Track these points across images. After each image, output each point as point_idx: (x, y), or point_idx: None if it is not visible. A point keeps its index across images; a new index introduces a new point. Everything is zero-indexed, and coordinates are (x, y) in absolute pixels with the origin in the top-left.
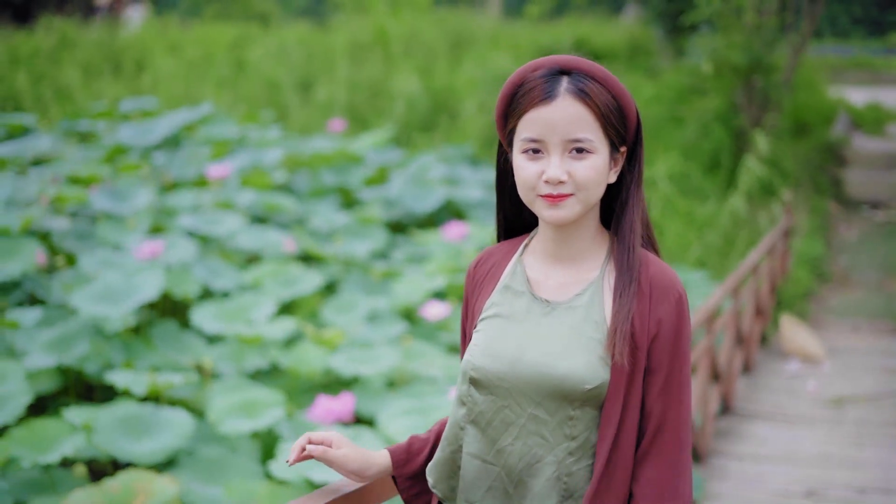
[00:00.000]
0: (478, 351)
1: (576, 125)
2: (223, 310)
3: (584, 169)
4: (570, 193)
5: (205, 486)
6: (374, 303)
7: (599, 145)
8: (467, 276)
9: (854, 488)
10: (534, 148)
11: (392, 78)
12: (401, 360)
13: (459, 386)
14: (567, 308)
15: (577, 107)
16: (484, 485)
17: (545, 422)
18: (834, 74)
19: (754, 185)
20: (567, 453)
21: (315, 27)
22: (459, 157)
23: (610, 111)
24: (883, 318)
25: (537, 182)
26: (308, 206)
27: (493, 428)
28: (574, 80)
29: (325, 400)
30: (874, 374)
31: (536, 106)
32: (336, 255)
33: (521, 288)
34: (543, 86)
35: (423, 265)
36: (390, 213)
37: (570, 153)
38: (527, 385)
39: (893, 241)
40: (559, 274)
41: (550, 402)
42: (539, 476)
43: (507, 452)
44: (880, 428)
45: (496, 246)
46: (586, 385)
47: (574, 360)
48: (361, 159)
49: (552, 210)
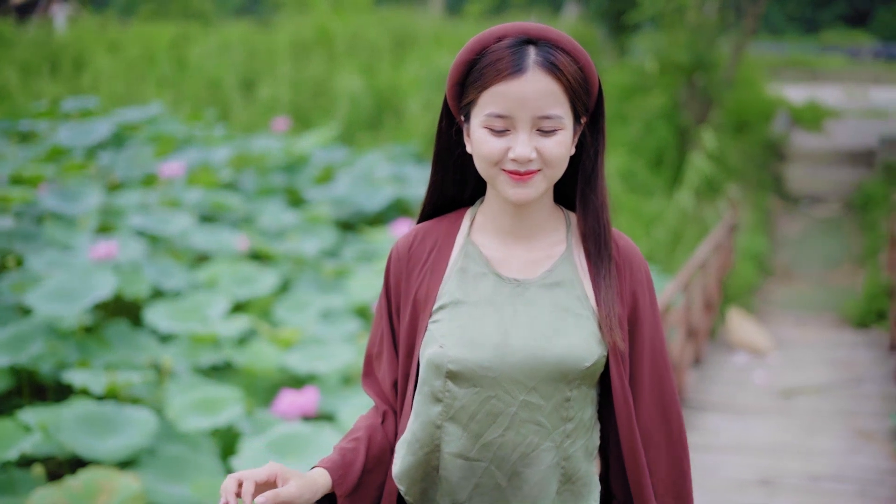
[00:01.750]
0: (451, 342)
1: (546, 101)
2: (177, 308)
3: (553, 146)
4: (537, 170)
5: (167, 483)
6: (327, 301)
7: (567, 120)
8: (396, 258)
9: (807, 476)
10: (500, 126)
11: (335, 77)
12: (356, 357)
13: (430, 382)
14: (542, 286)
15: (548, 81)
16: (470, 483)
17: (540, 407)
18: (771, 72)
19: (701, 182)
20: (565, 436)
21: (256, 26)
22: (405, 156)
23: (578, 84)
24: (826, 311)
25: (502, 158)
26: (255, 204)
27: (477, 422)
28: (543, 52)
29: (290, 394)
30: (821, 366)
31: (504, 79)
32: (287, 254)
33: (482, 269)
34: (511, 57)
35: (374, 263)
36: (338, 211)
37: (538, 130)
38: (518, 371)
39: (833, 235)
40: (521, 251)
41: (546, 385)
42: (537, 464)
43: (496, 445)
44: (830, 417)
45: (427, 225)
46: (585, 363)
47: (569, 338)
48: (307, 158)
49: (518, 188)
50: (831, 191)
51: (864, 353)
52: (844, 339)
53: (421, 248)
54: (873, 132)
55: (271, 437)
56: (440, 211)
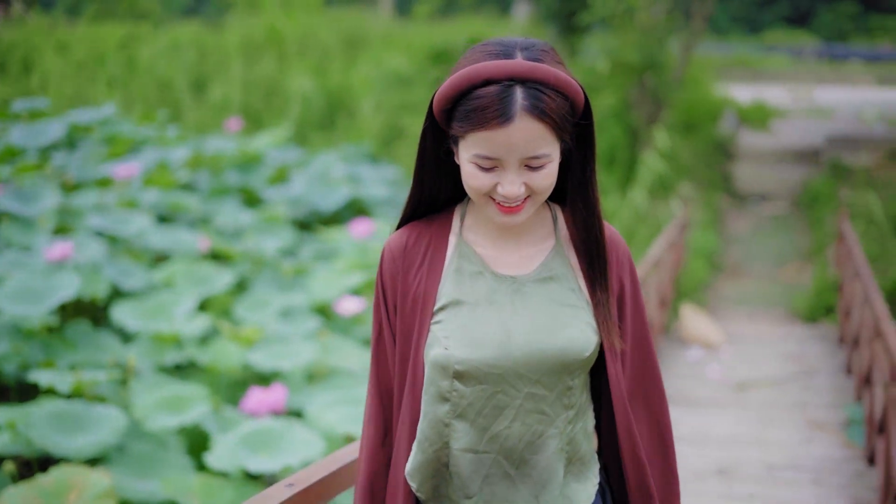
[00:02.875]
0: (455, 343)
1: (534, 144)
2: (142, 308)
3: (541, 178)
4: (526, 197)
5: (136, 480)
6: (286, 299)
7: (554, 153)
8: (391, 258)
9: (763, 465)
10: (488, 165)
11: (287, 77)
12: (318, 354)
13: (437, 382)
14: (536, 281)
15: (535, 126)
16: (480, 475)
17: (544, 397)
18: (717, 72)
19: (653, 180)
20: (567, 422)
21: (207, 26)
22: (360, 156)
23: (565, 119)
24: (776, 306)
25: (491, 190)
26: (211, 205)
27: (484, 417)
28: (530, 95)
29: (258, 391)
30: (773, 359)
31: (493, 127)
32: (245, 253)
33: (477, 268)
34: (498, 105)
35: (332, 262)
36: (295, 211)
37: (526, 166)
38: (522, 366)
39: (782, 232)
40: (512, 248)
41: (549, 377)
42: (544, 451)
43: (503, 437)
44: (784, 410)
45: (418, 225)
46: (585, 353)
47: (569, 329)
48: (261, 158)
49: (507, 217)
50: (779, 189)
51: (815, 346)
52: (795, 333)
53: (416, 248)
54: (819, 131)
55: (244, 433)
56: (424, 213)
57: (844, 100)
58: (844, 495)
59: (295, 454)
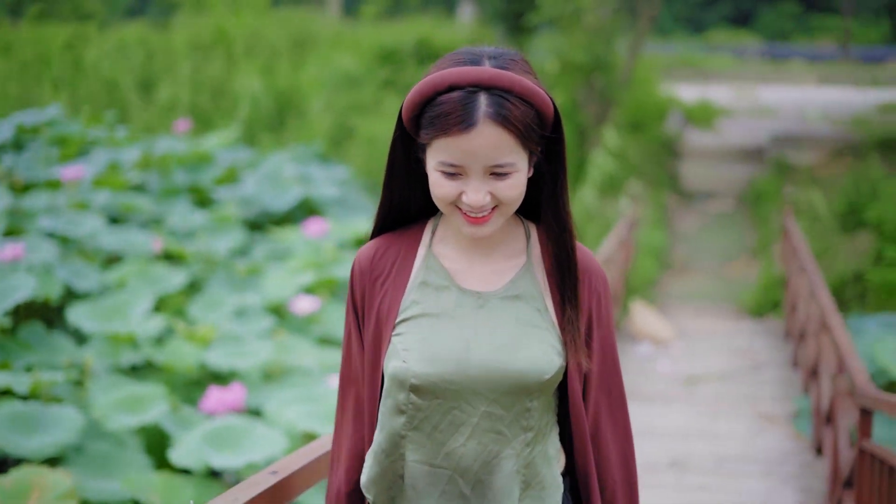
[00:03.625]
0: (414, 356)
1: (497, 152)
2: (97, 309)
3: (507, 188)
4: (492, 208)
5: (96, 480)
6: (240, 299)
7: (520, 163)
8: (360, 272)
9: (714, 458)
10: (452, 172)
11: (235, 78)
12: (275, 353)
13: (394, 395)
14: (503, 298)
15: (498, 133)
16: (436, 490)
17: (501, 417)
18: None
19: (603, 179)
20: (524, 444)
21: (153, 27)
22: (310, 156)
23: (531, 128)
24: (724, 302)
25: (456, 199)
26: (163, 205)
27: (441, 431)
28: (493, 102)
29: (216, 390)
30: (721, 354)
31: (455, 134)
32: (198, 254)
33: (443, 282)
34: (461, 112)
35: (285, 262)
36: (246, 211)
37: (491, 174)
38: (479, 384)
39: (728, 229)
40: (481, 263)
41: (506, 396)
42: (499, 472)
43: (458, 454)
44: (733, 403)
45: (388, 237)
46: (545, 375)
47: (529, 351)
48: (212, 158)
49: (475, 228)
50: (724, 187)
51: (762, 340)
52: (742, 328)
53: (384, 260)
54: (763, 130)
55: (207, 431)
56: (393, 225)
57: (787, 99)
58: (794, 485)
59: (258, 451)
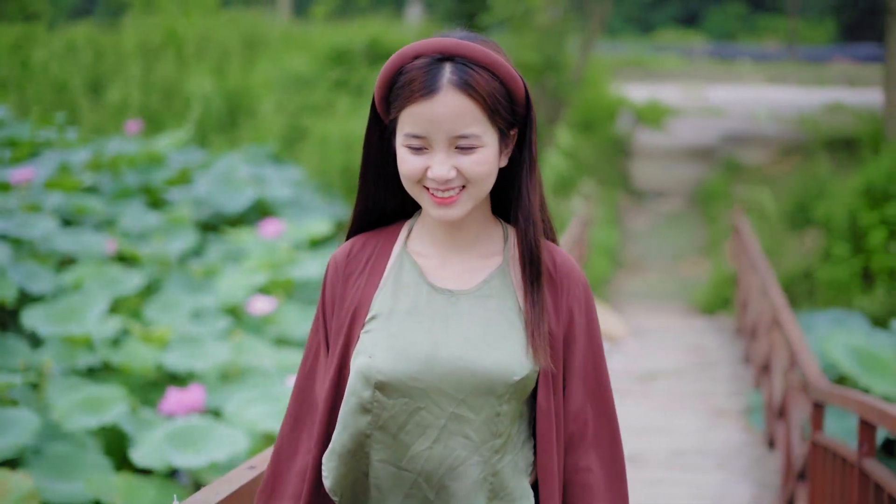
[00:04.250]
0: (381, 352)
1: (460, 121)
2: (52, 311)
3: (472, 164)
4: (460, 187)
5: (56, 482)
6: (196, 301)
7: (487, 137)
8: (332, 268)
9: (670, 452)
10: (417, 145)
11: (186, 79)
12: (231, 354)
13: (359, 392)
14: (476, 297)
15: (462, 100)
16: (400, 492)
17: (469, 421)
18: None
19: (556, 178)
20: (493, 451)
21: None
22: (262, 157)
23: (497, 100)
24: (676, 300)
25: (422, 176)
26: (115, 207)
27: (407, 433)
28: (457, 70)
29: (176, 392)
30: (674, 351)
31: (417, 101)
32: (152, 255)
33: (416, 279)
34: (424, 78)
35: (241, 263)
36: (199, 212)
37: (457, 148)
38: (446, 383)
39: (679, 228)
40: (456, 262)
41: (475, 398)
42: (463, 479)
43: (423, 458)
44: (687, 399)
45: (365, 235)
46: (515, 376)
47: (499, 351)
48: (163, 159)
49: (442, 210)
50: (675, 186)
51: (714, 337)
52: (694, 325)
53: (359, 257)
54: (712, 130)
55: (168, 431)
56: (372, 225)
57: (735, 98)
58: (748, 478)
59: (219, 450)
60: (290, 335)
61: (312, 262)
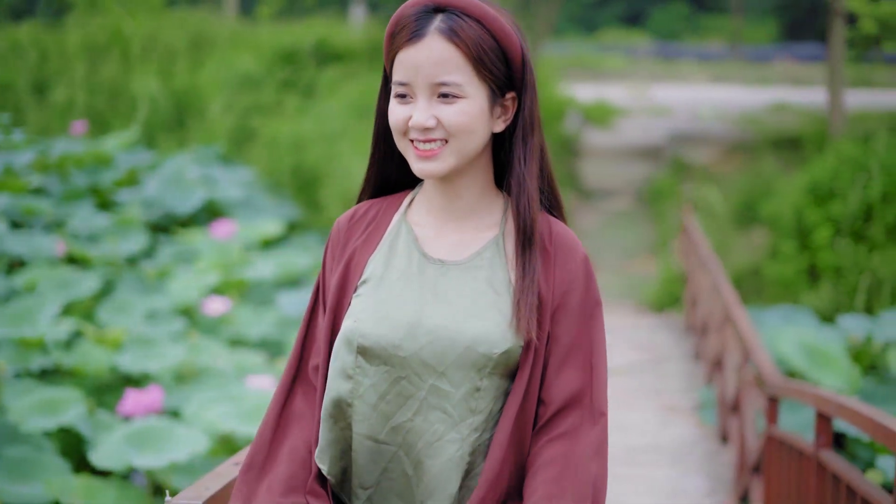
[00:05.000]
0: (366, 316)
1: (442, 67)
2: (5, 313)
3: (453, 114)
4: (441, 140)
5: (14, 484)
6: (150, 302)
7: (471, 89)
8: (335, 230)
9: (624, 448)
10: (402, 92)
11: (132, 79)
12: (186, 355)
13: (342, 357)
14: (466, 268)
15: (445, 47)
16: (378, 467)
17: (448, 394)
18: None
19: None
20: (472, 429)
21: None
22: (211, 158)
23: (484, 51)
24: (626, 298)
25: (406, 127)
26: (64, 208)
27: (388, 403)
28: (446, 18)
29: (135, 393)
30: (626, 349)
31: (405, 46)
32: (103, 257)
33: (410, 247)
34: (413, 24)
35: (193, 264)
36: (149, 213)
37: (439, 98)
38: (427, 353)
39: (628, 227)
40: (452, 232)
41: (456, 371)
42: (439, 456)
43: (404, 430)
44: (640, 395)
45: (370, 202)
46: (496, 350)
47: (483, 322)
48: (111, 160)
49: (423, 163)
50: (623, 185)
51: (664, 335)
52: (644, 323)
53: (361, 221)
54: (659, 129)
55: (128, 432)
56: (380, 193)
57: (681, 98)
58: (701, 472)
59: (180, 451)
60: (246, 335)
61: (265, 263)
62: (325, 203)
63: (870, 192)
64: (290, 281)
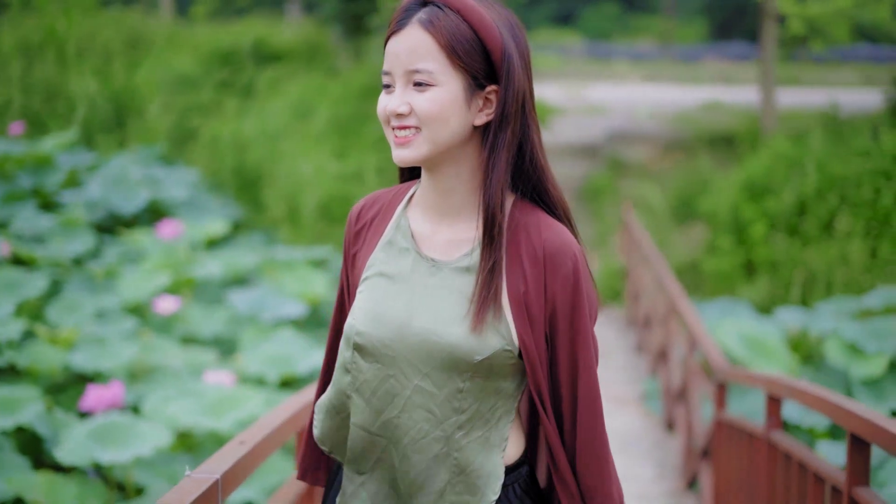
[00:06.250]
0: (361, 314)
1: (415, 54)
2: None
3: (424, 101)
4: (415, 127)
5: None
6: (99, 302)
7: (444, 77)
8: (349, 223)
9: None
10: (386, 81)
11: (68, 79)
12: (139, 353)
13: (343, 352)
14: (454, 270)
15: (420, 34)
16: (372, 456)
17: (432, 395)
18: None
19: None
20: (456, 428)
21: None
22: (152, 158)
23: (459, 41)
24: None
25: (387, 115)
26: (6, 209)
27: (379, 398)
28: (428, 10)
29: (96, 388)
30: None
31: (389, 38)
32: (49, 257)
33: (406, 244)
34: (400, 16)
35: (140, 264)
36: (93, 214)
37: (414, 85)
38: (414, 354)
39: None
40: (445, 230)
41: (439, 373)
42: (425, 452)
43: (393, 425)
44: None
45: (380, 192)
46: (476, 356)
47: (464, 327)
48: (52, 161)
49: (398, 150)
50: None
51: (607, 329)
52: None
53: (368, 213)
54: (595, 128)
55: (91, 428)
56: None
57: (615, 97)
58: (649, 459)
59: (143, 445)
60: (197, 333)
61: (213, 262)
62: (268, 203)
63: (804, 188)
64: (238, 279)
